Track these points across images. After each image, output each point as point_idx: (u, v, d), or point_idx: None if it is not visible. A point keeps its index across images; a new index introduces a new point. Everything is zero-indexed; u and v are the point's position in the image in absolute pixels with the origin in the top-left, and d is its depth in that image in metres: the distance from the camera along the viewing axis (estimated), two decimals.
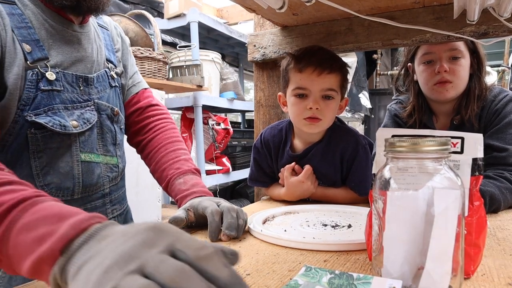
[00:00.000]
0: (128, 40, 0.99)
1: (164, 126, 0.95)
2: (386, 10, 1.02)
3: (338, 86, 0.97)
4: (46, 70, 0.70)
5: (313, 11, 1.05)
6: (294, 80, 0.97)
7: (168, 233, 0.34)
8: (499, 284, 0.47)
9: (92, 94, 0.80)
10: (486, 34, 0.94)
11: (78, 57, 0.77)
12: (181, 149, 0.92)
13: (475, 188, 0.49)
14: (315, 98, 0.95)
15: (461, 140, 0.49)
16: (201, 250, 0.32)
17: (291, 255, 0.60)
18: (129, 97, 0.96)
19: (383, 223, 0.44)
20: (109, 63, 0.87)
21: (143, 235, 0.34)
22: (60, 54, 0.74)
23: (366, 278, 0.44)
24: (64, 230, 0.37)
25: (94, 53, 0.81)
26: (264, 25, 1.25)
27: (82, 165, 0.77)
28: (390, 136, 0.52)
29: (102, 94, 0.82)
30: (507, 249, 0.61)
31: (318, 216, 0.85)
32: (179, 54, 2.42)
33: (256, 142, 1.14)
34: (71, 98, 0.75)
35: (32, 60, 0.69)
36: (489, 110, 1.07)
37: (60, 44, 0.74)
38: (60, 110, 0.72)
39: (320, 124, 0.97)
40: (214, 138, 2.65)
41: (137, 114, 0.96)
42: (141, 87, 0.98)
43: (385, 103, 3.27)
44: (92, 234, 0.37)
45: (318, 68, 0.93)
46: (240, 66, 3.72)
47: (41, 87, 0.70)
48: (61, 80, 0.73)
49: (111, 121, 0.85)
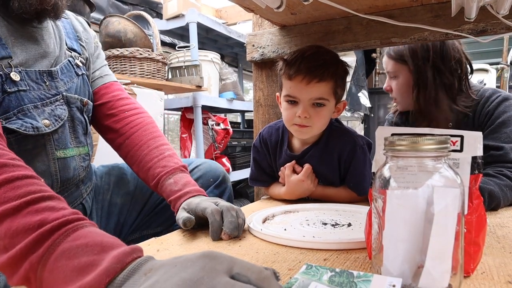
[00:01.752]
0: (93, 32, 0.95)
1: (141, 121, 0.90)
2: (384, 9, 1.02)
3: (330, 94, 0.93)
4: (10, 71, 0.67)
5: (312, 10, 1.05)
6: (285, 86, 0.96)
7: (222, 259, 0.35)
8: (498, 282, 0.47)
9: (59, 87, 0.77)
10: (484, 31, 0.94)
11: (41, 53, 0.75)
12: (163, 144, 0.88)
13: (474, 186, 0.49)
14: (305, 107, 0.92)
15: (460, 139, 0.49)
16: (261, 273, 0.35)
17: (291, 254, 0.60)
18: (97, 88, 0.91)
19: (383, 222, 0.44)
20: (72, 51, 0.84)
21: (199, 263, 0.34)
22: (24, 51, 0.71)
23: (366, 276, 0.44)
24: (109, 263, 0.37)
25: (57, 48, 0.79)
26: (263, 25, 1.25)
27: (58, 162, 0.77)
28: (390, 135, 0.52)
29: (70, 85, 0.80)
30: (507, 247, 0.61)
31: (318, 215, 0.85)
32: (178, 54, 2.42)
33: (255, 141, 1.14)
34: (39, 96, 0.72)
35: None
36: (482, 112, 1.07)
37: (23, 41, 0.71)
38: (30, 110, 0.71)
39: (309, 130, 0.96)
40: (213, 138, 2.65)
41: (108, 107, 0.91)
42: (111, 80, 0.94)
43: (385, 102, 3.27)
44: (136, 268, 0.37)
45: (307, 77, 0.90)
46: (239, 66, 3.72)
47: (7, 89, 0.67)
48: (25, 79, 0.70)
49: (80, 112, 0.83)
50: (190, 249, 0.64)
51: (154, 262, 0.38)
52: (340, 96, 0.99)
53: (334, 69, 0.93)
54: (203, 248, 0.64)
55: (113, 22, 1.87)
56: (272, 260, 0.57)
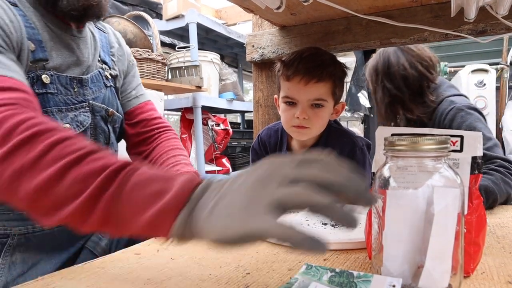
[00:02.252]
0: (129, 49, 1.00)
1: (167, 136, 0.97)
2: (384, 9, 1.02)
3: (328, 94, 0.93)
4: (42, 73, 0.70)
5: (311, 10, 1.05)
6: (283, 87, 0.95)
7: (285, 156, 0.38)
8: (498, 282, 0.47)
9: (87, 95, 0.80)
10: (483, 32, 0.94)
11: (74, 61, 0.78)
12: (181, 155, 0.93)
13: (474, 187, 0.49)
14: (303, 108, 0.92)
15: (460, 139, 0.49)
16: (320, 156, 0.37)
17: (290, 254, 0.60)
18: (132, 107, 0.96)
19: (383, 222, 0.44)
20: (104, 63, 0.87)
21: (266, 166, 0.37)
22: (59, 57, 0.74)
23: (366, 276, 0.44)
24: (181, 185, 0.40)
25: (90, 57, 0.82)
26: (263, 26, 1.25)
27: None
28: (390, 135, 0.52)
29: (97, 94, 0.83)
30: (507, 247, 0.61)
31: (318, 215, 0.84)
32: (178, 55, 2.42)
33: (254, 143, 1.14)
34: (65, 100, 0.75)
35: (33, 59, 0.69)
36: (440, 126, 1.12)
37: (60, 47, 0.75)
38: (53, 113, 0.72)
39: (308, 132, 0.96)
40: (213, 138, 2.65)
41: (142, 126, 0.96)
42: (145, 99, 1.00)
43: None
44: (206, 186, 0.40)
45: (305, 77, 0.89)
46: (239, 67, 3.72)
47: (35, 90, 0.69)
48: (55, 82, 0.73)
49: (105, 121, 0.85)
50: (190, 248, 0.64)
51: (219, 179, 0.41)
52: (339, 97, 0.98)
53: (332, 69, 0.93)
54: (203, 248, 0.64)
55: (113, 23, 1.88)
56: (272, 260, 0.57)
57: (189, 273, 0.52)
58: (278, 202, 0.34)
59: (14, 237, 0.72)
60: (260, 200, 0.34)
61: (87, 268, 0.55)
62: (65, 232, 0.79)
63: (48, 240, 0.76)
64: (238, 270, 0.53)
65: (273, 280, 0.50)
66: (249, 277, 0.51)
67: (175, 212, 0.38)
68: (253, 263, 0.56)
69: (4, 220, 0.72)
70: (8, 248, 0.72)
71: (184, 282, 0.49)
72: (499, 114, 3.31)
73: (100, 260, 0.59)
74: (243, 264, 0.56)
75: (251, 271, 0.53)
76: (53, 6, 0.72)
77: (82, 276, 0.52)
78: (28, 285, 0.50)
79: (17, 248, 0.73)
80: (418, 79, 1.17)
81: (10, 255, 0.72)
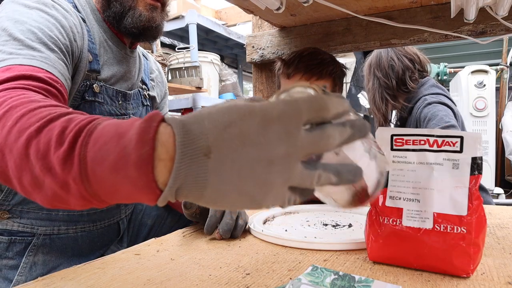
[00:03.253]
0: (166, 80, 1.07)
1: None
2: (383, 10, 1.03)
3: None
4: (93, 83, 0.76)
5: (311, 11, 1.05)
6: (283, 86, 0.96)
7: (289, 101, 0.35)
8: (498, 283, 0.47)
9: (129, 109, 0.85)
10: (483, 33, 0.95)
11: (123, 76, 0.83)
12: None
13: (474, 187, 0.49)
14: None
15: (460, 139, 0.49)
16: None
17: (290, 255, 0.60)
18: None
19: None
20: (144, 84, 0.94)
21: (277, 109, 0.32)
22: (111, 70, 0.80)
23: (367, 281, 0.45)
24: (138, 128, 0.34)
25: (136, 75, 0.89)
26: (262, 26, 1.25)
27: None
28: (389, 135, 0.52)
29: (136, 110, 0.88)
30: (507, 248, 0.61)
31: (318, 215, 0.85)
32: (178, 56, 2.42)
33: None
34: (110, 111, 0.80)
35: (89, 69, 0.74)
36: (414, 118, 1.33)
37: (113, 62, 0.81)
38: None
39: None
40: None
41: None
42: None
43: None
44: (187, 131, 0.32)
45: (305, 75, 0.90)
46: (239, 68, 3.72)
47: (86, 97, 0.74)
48: (103, 93, 0.78)
49: None
50: (190, 249, 0.64)
51: None
52: None
53: (332, 68, 0.94)
54: (203, 248, 0.64)
55: None
56: (272, 260, 0.57)
57: (189, 274, 0.53)
58: (308, 151, 0.31)
59: (40, 237, 0.74)
60: (290, 152, 0.30)
61: (87, 268, 0.55)
62: (87, 238, 0.81)
63: (70, 243, 0.78)
64: (238, 271, 0.53)
65: (272, 281, 0.50)
66: (249, 278, 0.51)
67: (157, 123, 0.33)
68: (253, 263, 0.56)
69: (32, 219, 0.73)
70: (32, 248, 0.74)
71: (184, 283, 0.49)
72: (499, 115, 3.32)
73: (100, 260, 0.59)
74: (243, 264, 0.56)
75: (251, 272, 0.53)
76: (119, 23, 0.77)
77: (82, 276, 0.52)
78: (29, 285, 0.50)
79: (41, 248, 0.74)
80: (403, 68, 1.38)
81: (33, 255, 0.74)
